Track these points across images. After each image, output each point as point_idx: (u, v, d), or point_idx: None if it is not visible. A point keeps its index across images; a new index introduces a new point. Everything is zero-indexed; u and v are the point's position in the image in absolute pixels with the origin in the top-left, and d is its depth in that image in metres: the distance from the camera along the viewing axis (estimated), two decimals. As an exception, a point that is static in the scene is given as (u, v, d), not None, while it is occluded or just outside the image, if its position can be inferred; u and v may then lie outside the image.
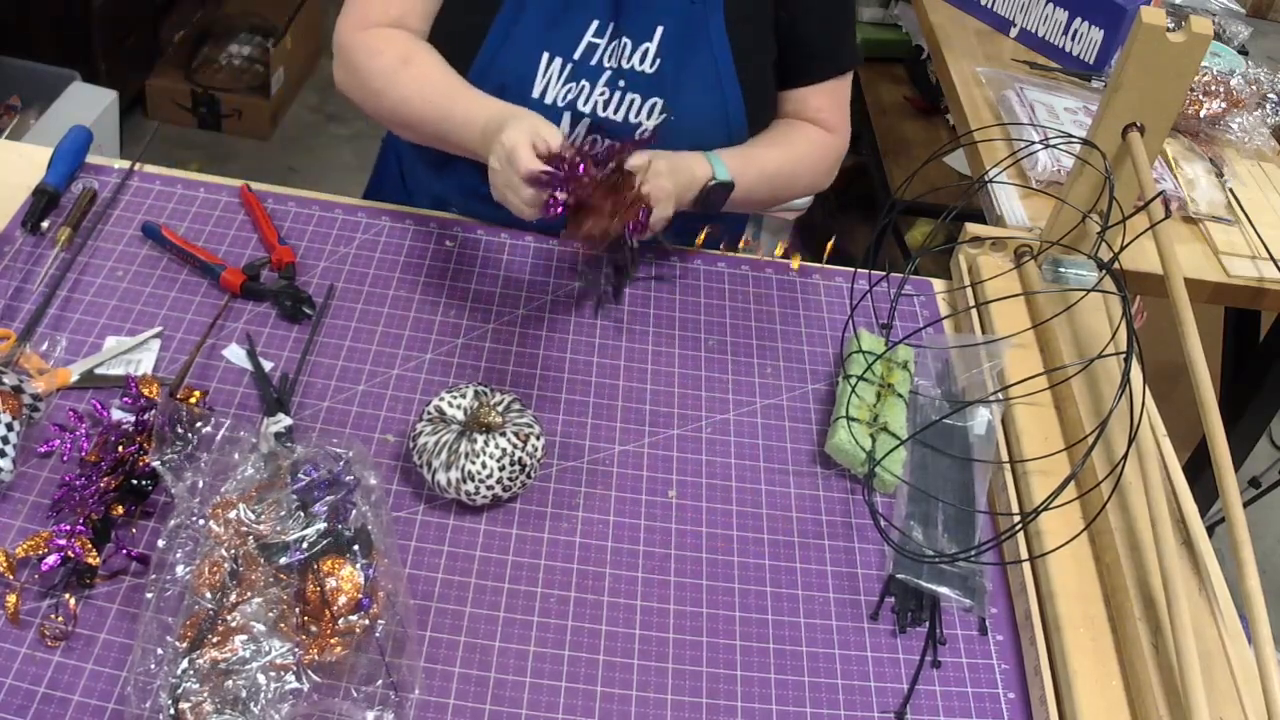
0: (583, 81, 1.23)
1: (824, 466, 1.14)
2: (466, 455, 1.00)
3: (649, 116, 1.24)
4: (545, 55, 1.22)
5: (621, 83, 1.23)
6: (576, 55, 1.22)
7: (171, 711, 0.81)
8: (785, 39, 1.28)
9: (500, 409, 1.05)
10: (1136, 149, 1.22)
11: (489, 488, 1.01)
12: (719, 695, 0.94)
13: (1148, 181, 1.18)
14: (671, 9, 1.22)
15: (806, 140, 1.32)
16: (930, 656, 0.99)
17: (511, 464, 1.02)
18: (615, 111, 1.23)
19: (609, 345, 1.22)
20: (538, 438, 1.04)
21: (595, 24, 1.21)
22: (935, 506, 1.08)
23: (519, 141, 1.04)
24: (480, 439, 1.01)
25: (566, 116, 1.23)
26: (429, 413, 1.05)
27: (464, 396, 1.06)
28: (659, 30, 1.22)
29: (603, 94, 1.23)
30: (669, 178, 1.14)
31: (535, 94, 1.22)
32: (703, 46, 1.23)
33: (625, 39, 1.22)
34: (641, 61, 1.23)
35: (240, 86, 3.15)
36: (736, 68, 1.25)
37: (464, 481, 1.00)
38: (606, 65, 1.23)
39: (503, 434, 1.02)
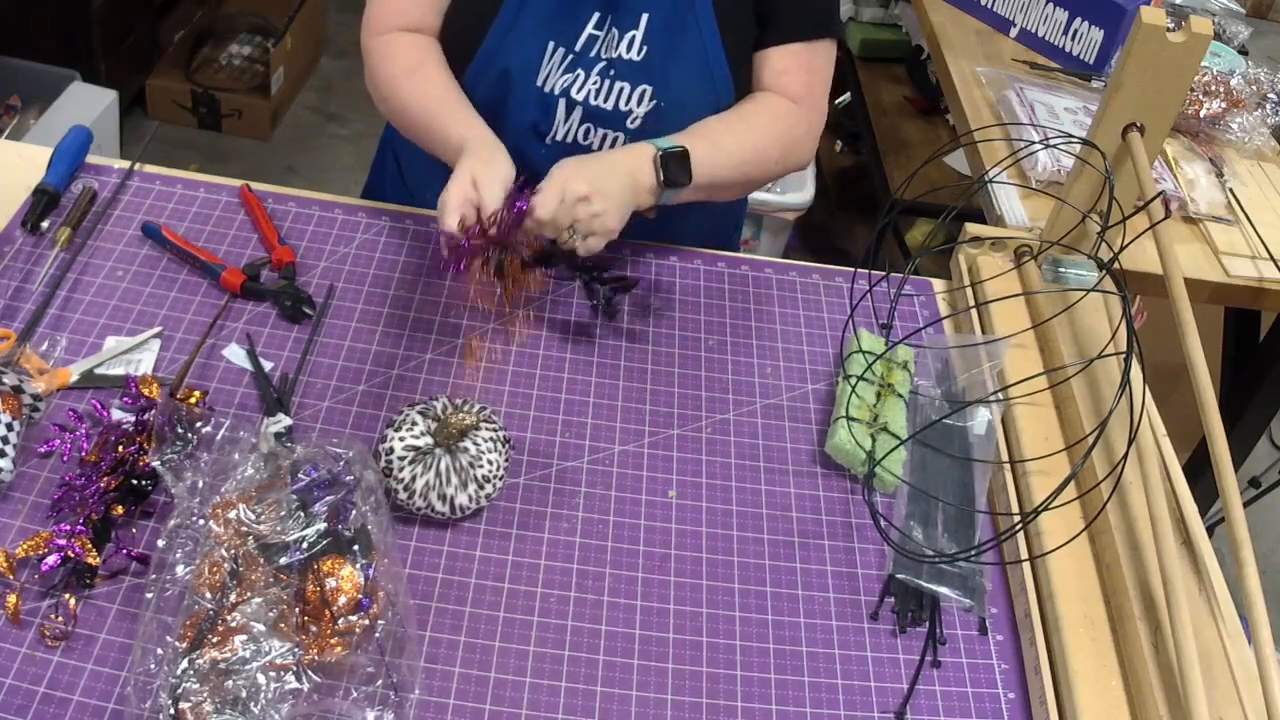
0: (578, 70, 1.24)
1: (824, 466, 1.14)
2: (471, 465, 1.00)
3: (639, 104, 1.24)
4: (551, 44, 1.23)
5: (612, 72, 1.24)
6: (578, 47, 1.23)
7: (171, 711, 0.81)
8: (758, 2, 1.26)
9: (461, 409, 1.03)
10: (1136, 149, 1.22)
11: (500, 479, 1.02)
12: (719, 695, 0.94)
13: (1148, 181, 1.18)
14: None
15: (767, 111, 1.27)
16: (930, 656, 0.99)
17: (503, 444, 1.02)
18: (606, 100, 1.24)
19: (609, 345, 1.22)
20: (495, 413, 1.05)
21: (596, 16, 1.22)
22: (935, 506, 1.08)
23: (449, 202, 1.06)
24: (469, 444, 1.01)
25: (561, 103, 1.24)
26: (403, 454, 0.99)
27: (415, 424, 1.01)
28: (644, 18, 1.22)
29: (595, 83, 1.24)
30: (598, 189, 1.10)
31: (538, 82, 1.23)
32: (690, 30, 1.23)
33: (614, 29, 1.23)
34: (629, 50, 1.23)
35: (240, 86, 3.15)
36: (725, 49, 1.24)
37: (482, 487, 1.00)
38: (601, 57, 1.23)
39: (477, 428, 1.02)
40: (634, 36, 1.23)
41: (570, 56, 1.23)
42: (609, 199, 1.11)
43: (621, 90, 1.24)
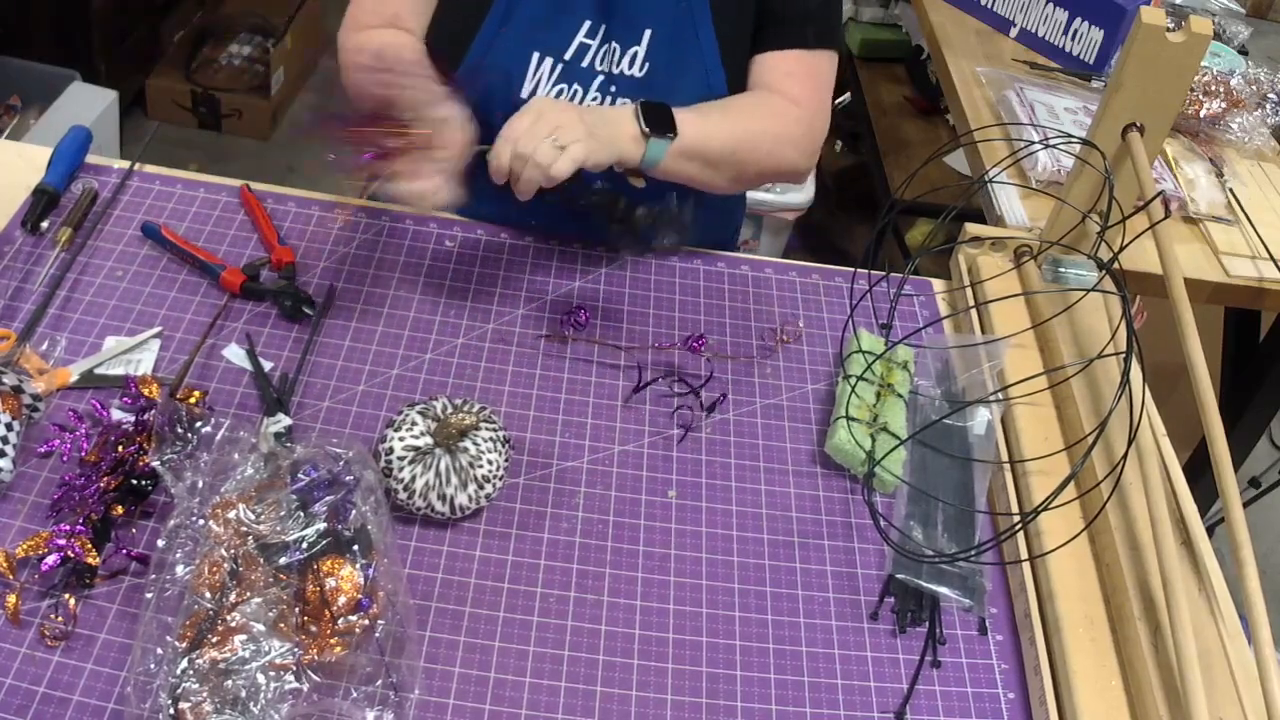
0: (575, 84, 1.23)
1: (824, 466, 1.14)
2: (471, 465, 1.00)
3: None
4: (536, 55, 1.22)
5: (613, 88, 1.23)
6: (568, 56, 1.22)
7: (171, 711, 0.81)
8: (760, 7, 1.25)
9: (461, 409, 1.03)
10: (1136, 149, 1.22)
11: (500, 479, 1.02)
12: (719, 695, 0.94)
13: (1148, 181, 1.18)
14: (659, 12, 1.21)
15: (762, 102, 1.25)
16: (930, 656, 0.99)
17: (503, 444, 1.02)
18: None
19: (609, 345, 1.22)
20: (495, 413, 1.05)
21: (586, 25, 1.22)
22: (935, 506, 1.08)
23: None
24: (469, 444, 1.00)
25: None
26: (403, 454, 0.99)
27: (415, 424, 1.01)
28: (647, 34, 1.22)
29: (595, 99, 1.23)
30: (568, 119, 1.08)
31: (525, 94, 1.22)
32: (691, 47, 1.23)
33: (615, 43, 1.22)
34: (631, 66, 1.23)
35: (240, 86, 3.15)
36: (724, 66, 1.24)
37: (482, 487, 1.00)
38: (598, 69, 1.23)
39: (477, 428, 1.02)
40: (636, 53, 1.22)
41: (560, 66, 1.22)
42: (576, 128, 1.08)
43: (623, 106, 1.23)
